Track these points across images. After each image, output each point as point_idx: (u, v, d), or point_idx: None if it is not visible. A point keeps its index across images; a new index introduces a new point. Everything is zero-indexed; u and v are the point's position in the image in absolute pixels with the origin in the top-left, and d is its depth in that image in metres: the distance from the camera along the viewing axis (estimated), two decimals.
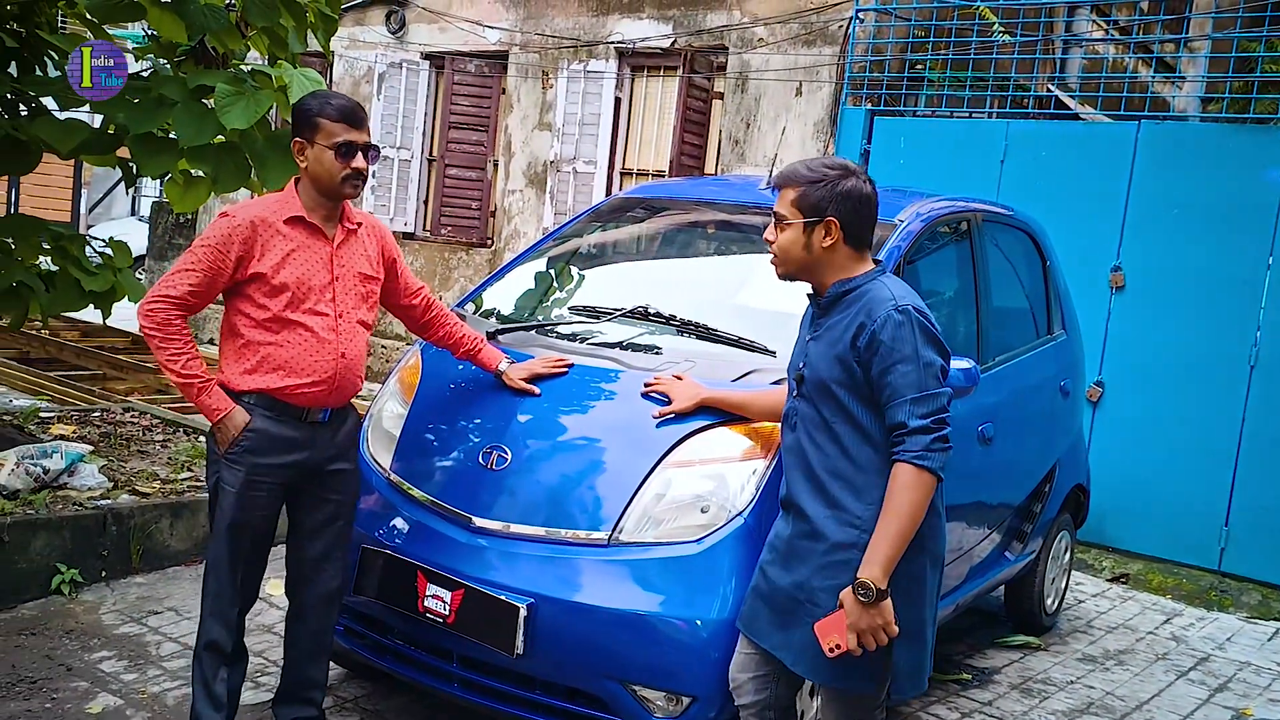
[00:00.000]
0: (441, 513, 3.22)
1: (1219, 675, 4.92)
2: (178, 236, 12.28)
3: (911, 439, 2.42)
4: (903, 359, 2.44)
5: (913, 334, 2.47)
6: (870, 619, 2.39)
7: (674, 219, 4.46)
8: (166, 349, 2.88)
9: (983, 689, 4.45)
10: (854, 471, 2.52)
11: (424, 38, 10.19)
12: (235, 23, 4.62)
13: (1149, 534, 6.36)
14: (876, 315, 2.48)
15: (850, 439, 2.53)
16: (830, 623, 2.43)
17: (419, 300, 3.37)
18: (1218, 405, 6.15)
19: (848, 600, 2.41)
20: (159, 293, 2.89)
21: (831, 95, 7.78)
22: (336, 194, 2.98)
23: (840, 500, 2.52)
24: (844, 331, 2.53)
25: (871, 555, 2.40)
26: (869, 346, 2.47)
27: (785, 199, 2.59)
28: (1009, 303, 4.72)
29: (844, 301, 2.58)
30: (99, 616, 4.19)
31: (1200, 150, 6.32)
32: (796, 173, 2.59)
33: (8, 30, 4.67)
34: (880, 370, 2.46)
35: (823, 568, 2.52)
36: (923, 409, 2.44)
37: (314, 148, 2.94)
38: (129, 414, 6.37)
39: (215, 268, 2.89)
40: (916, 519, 2.42)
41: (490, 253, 9.81)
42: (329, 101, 2.97)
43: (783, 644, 2.60)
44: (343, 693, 3.76)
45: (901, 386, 2.44)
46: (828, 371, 2.54)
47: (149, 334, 2.90)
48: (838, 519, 2.52)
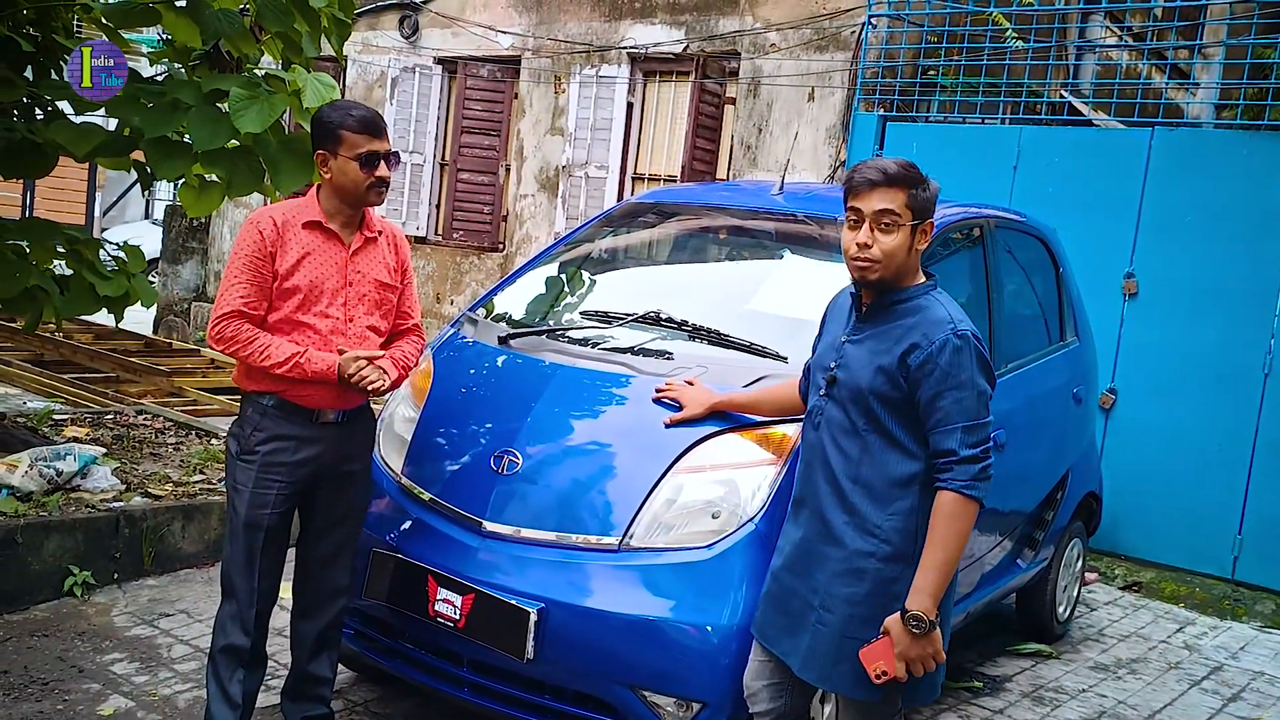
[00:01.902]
0: (452, 517, 3.23)
1: (1232, 685, 4.89)
2: (191, 240, 12.32)
3: (960, 468, 2.39)
4: (958, 385, 2.41)
5: (971, 361, 2.43)
6: (921, 649, 2.37)
7: (686, 224, 4.46)
8: (249, 353, 2.93)
9: (994, 697, 4.43)
10: (878, 480, 2.48)
11: (437, 42, 10.22)
12: (249, 27, 4.64)
13: (1162, 542, 6.33)
14: (935, 337, 2.43)
15: (879, 448, 2.48)
16: (877, 649, 2.40)
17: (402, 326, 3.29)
18: (1231, 413, 6.12)
19: (896, 629, 2.38)
20: (217, 314, 2.95)
21: (844, 101, 7.77)
22: (362, 202, 3.04)
23: (860, 508, 2.49)
24: (894, 344, 2.47)
25: (922, 585, 2.37)
26: (921, 367, 2.42)
27: (896, 199, 2.46)
28: (1022, 309, 4.70)
29: (897, 310, 2.51)
30: (111, 618, 4.20)
31: (1214, 157, 6.29)
32: (900, 173, 2.47)
33: (24, 34, 4.69)
34: (933, 394, 2.41)
35: (838, 575, 2.49)
36: (973, 438, 2.41)
37: (337, 160, 2.98)
38: (142, 416, 6.39)
39: (259, 272, 2.95)
40: (962, 547, 2.40)
41: (502, 257, 9.83)
42: (349, 113, 3.00)
43: (791, 649, 2.58)
44: (352, 696, 3.76)
45: (955, 413, 2.40)
46: (868, 381, 2.48)
47: (229, 352, 2.96)
48: (857, 526, 2.49)
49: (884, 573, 2.46)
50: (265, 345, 2.93)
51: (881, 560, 2.45)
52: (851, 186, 2.50)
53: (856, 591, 2.46)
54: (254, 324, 2.96)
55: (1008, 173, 6.89)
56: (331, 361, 2.95)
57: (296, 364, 2.93)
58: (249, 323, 2.95)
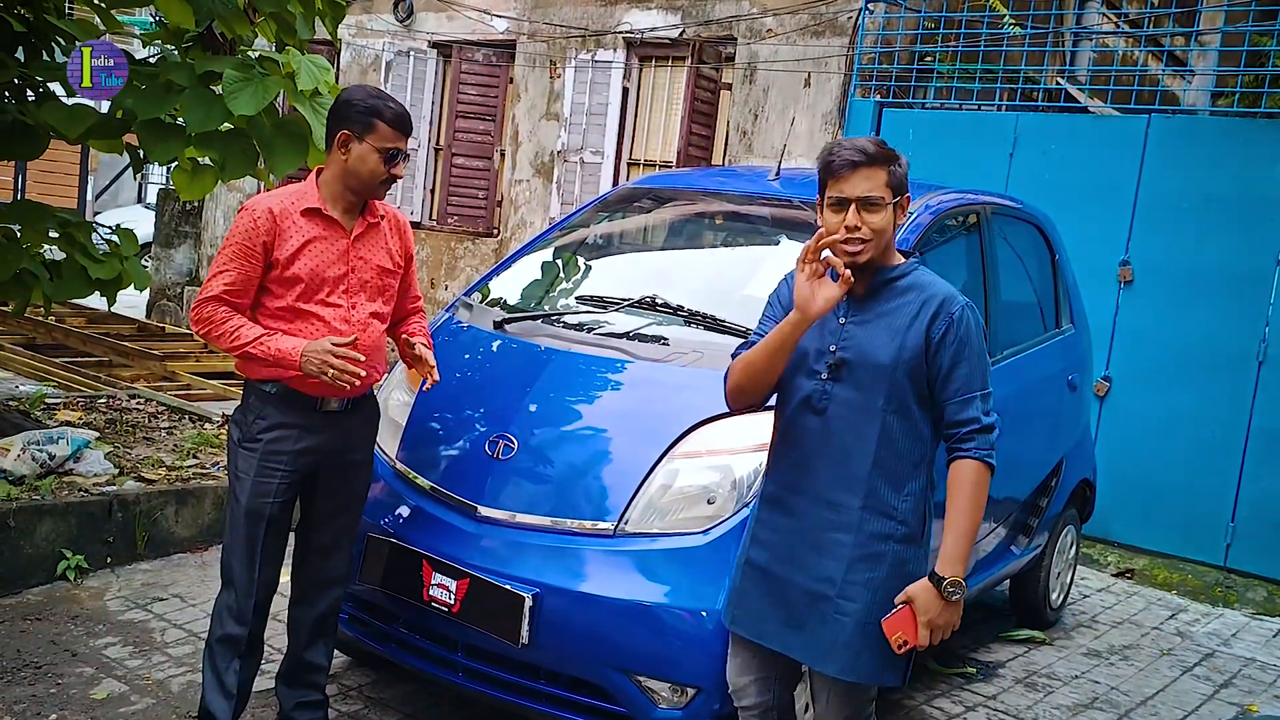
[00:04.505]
0: (447, 502, 3.22)
1: (1224, 671, 4.91)
2: (184, 224, 12.27)
3: (981, 436, 2.42)
4: (975, 354, 2.45)
5: (978, 329, 2.48)
6: (950, 615, 2.38)
7: (681, 209, 4.44)
8: (220, 334, 2.91)
9: (987, 682, 4.44)
10: (895, 462, 2.46)
11: (432, 26, 10.17)
12: (243, 8, 4.61)
13: (1155, 529, 6.35)
14: (953, 308, 2.45)
15: (899, 429, 2.46)
16: (898, 619, 2.38)
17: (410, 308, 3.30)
18: (1226, 400, 6.13)
19: (926, 596, 2.36)
20: (199, 297, 2.93)
21: (840, 87, 7.75)
22: (370, 194, 3.02)
23: (879, 490, 2.46)
24: (913, 318, 2.45)
25: (952, 552, 2.37)
26: (944, 337, 2.43)
27: (877, 181, 2.43)
28: (1017, 296, 4.70)
29: (896, 288, 2.51)
30: (104, 602, 4.20)
31: (1210, 144, 6.29)
32: (878, 152, 2.45)
33: (15, 15, 4.65)
34: (953, 362, 2.43)
35: (857, 560, 2.45)
36: (988, 405, 2.45)
37: (361, 145, 2.92)
38: (135, 400, 6.38)
39: (246, 262, 2.91)
40: (982, 513, 2.43)
41: (497, 242, 9.80)
42: (389, 104, 2.95)
43: (802, 644, 2.50)
44: (347, 680, 3.77)
45: (974, 381, 2.43)
46: (893, 357, 2.44)
47: (203, 335, 2.95)
48: (874, 509, 2.45)
49: (900, 554, 2.45)
50: (236, 326, 2.89)
51: (899, 542, 2.45)
52: (832, 169, 2.45)
53: (875, 575, 2.44)
54: (238, 312, 2.93)
55: (1004, 159, 6.89)
56: (295, 345, 2.86)
57: (259, 348, 2.87)
58: (229, 308, 2.92)
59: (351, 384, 2.88)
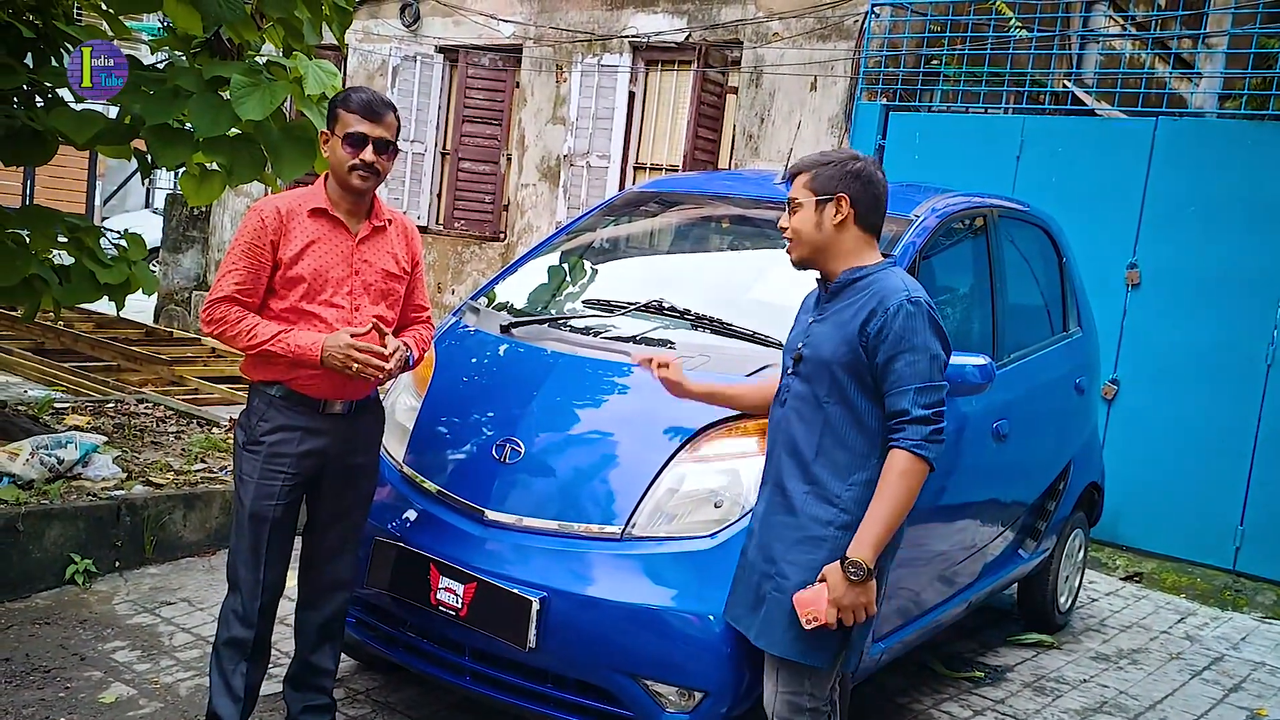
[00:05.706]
0: (454, 505, 3.22)
1: (1233, 675, 4.89)
2: (192, 229, 12.30)
3: (912, 427, 2.49)
4: (911, 348, 2.51)
5: (924, 325, 2.54)
6: (855, 596, 2.47)
7: (688, 213, 4.44)
8: (236, 333, 2.91)
9: (995, 687, 4.43)
10: (839, 451, 2.57)
11: (438, 31, 10.19)
12: (251, 14, 4.62)
13: (1163, 533, 6.33)
14: (890, 303, 2.53)
15: (840, 420, 2.57)
16: (811, 595, 2.49)
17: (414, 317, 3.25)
18: (1234, 404, 6.11)
19: (834, 576, 2.47)
20: (210, 298, 2.94)
21: (846, 90, 7.75)
22: (345, 184, 2.98)
23: (820, 478, 2.58)
24: (854, 316, 2.57)
25: (864, 536, 2.47)
26: (879, 333, 2.52)
27: (798, 185, 2.67)
28: (1024, 299, 4.69)
29: (854, 288, 2.63)
30: (112, 606, 4.21)
31: (1218, 147, 6.27)
32: (807, 159, 2.70)
33: (25, 21, 4.67)
34: (888, 357, 2.51)
35: (797, 543, 2.57)
36: (925, 399, 2.50)
37: (333, 137, 2.98)
38: (143, 405, 6.39)
39: (256, 261, 2.93)
40: (908, 505, 2.50)
41: (503, 247, 9.81)
42: (352, 94, 2.99)
43: (750, 622, 2.65)
44: (354, 684, 3.77)
45: (908, 375, 2.50)
46: (832, 352, 2.58)
47: (217, 334, 2.93)
48: (817, 495, 2.57)
49: (840, 541, 2.53)
50: (252, 325, 2.90)
51: (839, 528, 2.54)
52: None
53: (814, 558, 2.54)
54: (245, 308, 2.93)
55: (1011, 162, 6.88)
56: (315, 340, 2.86)
57: (277, 344, 2.87)
58: (241, 307, 2.92)
59: (375, 376, 2.91)
